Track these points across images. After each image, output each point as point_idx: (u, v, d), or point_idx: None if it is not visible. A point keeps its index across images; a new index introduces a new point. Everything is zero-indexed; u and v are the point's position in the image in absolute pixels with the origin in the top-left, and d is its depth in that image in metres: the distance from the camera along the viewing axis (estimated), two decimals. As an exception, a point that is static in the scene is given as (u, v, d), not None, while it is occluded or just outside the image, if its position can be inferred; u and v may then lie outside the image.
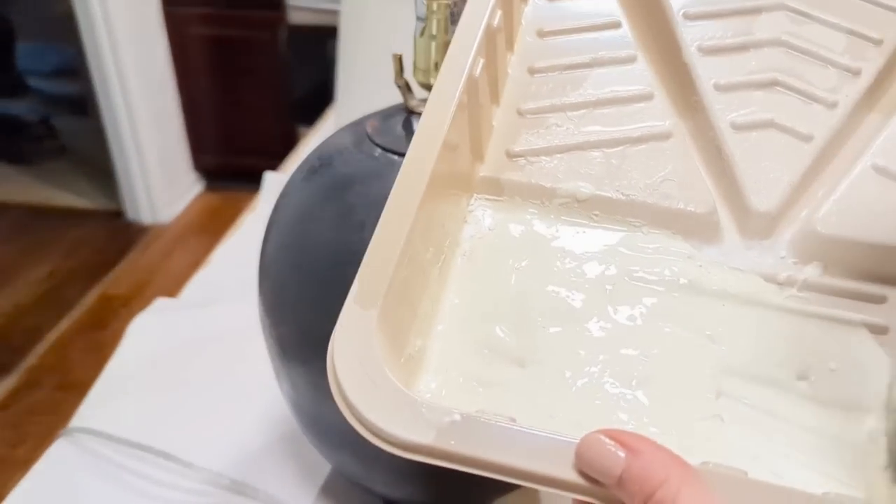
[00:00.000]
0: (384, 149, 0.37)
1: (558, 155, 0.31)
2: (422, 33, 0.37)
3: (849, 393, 0.26)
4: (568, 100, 0.33)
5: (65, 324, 1.84)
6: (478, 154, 0.32)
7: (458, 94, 0.29)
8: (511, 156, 0.32)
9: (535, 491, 0.49)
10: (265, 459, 0.52)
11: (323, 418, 0.39)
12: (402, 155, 0.37)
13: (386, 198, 0.27)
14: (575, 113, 0.32)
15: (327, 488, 0.50)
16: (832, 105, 0.31)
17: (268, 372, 0.58)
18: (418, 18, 0.36)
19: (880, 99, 0.31)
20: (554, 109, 0.33)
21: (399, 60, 0.39)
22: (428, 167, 0.28)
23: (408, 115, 0.40)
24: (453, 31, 0.36)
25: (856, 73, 0.31)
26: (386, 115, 0.41)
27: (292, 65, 2.15)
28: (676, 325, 0.28)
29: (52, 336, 1.80)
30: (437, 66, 0.37)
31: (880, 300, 0.28)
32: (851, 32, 0.32)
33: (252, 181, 1.04)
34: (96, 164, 2.46)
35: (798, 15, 0.33)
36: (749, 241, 0.29)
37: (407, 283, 0.27)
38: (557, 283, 0.29)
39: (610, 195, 0.30)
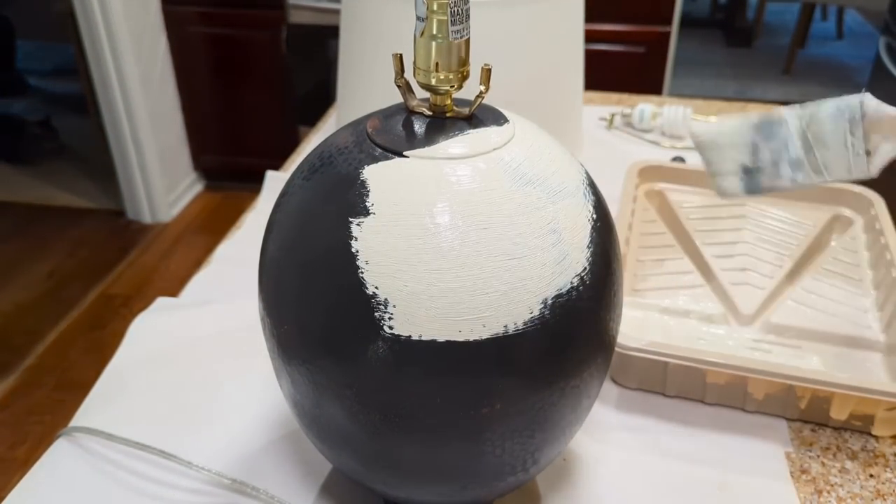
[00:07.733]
0: (384, 149, 0.37)
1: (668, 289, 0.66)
2: (422, 33, 0.37)
3: None
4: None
5: (65, 324, 1.85)
6: None
7: None
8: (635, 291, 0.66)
9: (535, 491, 0.49)
10: (265, 459, 0.52)
11: (323, 418, 0.39)
12: (403, 155, 0.37)
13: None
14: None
15: (327, 488, 0.50)
16: (772, 274, 0.66)
17: (268, 371, 0.58)
18: (418, 18, 0.36)
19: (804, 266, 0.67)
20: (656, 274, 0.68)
21: (399, 60, 0.38)
22: None
23: (408, 114, 0.40)
24: (453, 31, 0.36)
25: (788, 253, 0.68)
26: (386, 114, 0.41)
27: (292, 64, 2.15)
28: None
29: (52, 336, 1.81)
30: (437, 66, 0.37)
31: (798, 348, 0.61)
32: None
33: (252, 180, 1.05)
34: (96, 164, 2.46)
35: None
36: (740, 325, 0.63)
37: None
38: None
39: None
